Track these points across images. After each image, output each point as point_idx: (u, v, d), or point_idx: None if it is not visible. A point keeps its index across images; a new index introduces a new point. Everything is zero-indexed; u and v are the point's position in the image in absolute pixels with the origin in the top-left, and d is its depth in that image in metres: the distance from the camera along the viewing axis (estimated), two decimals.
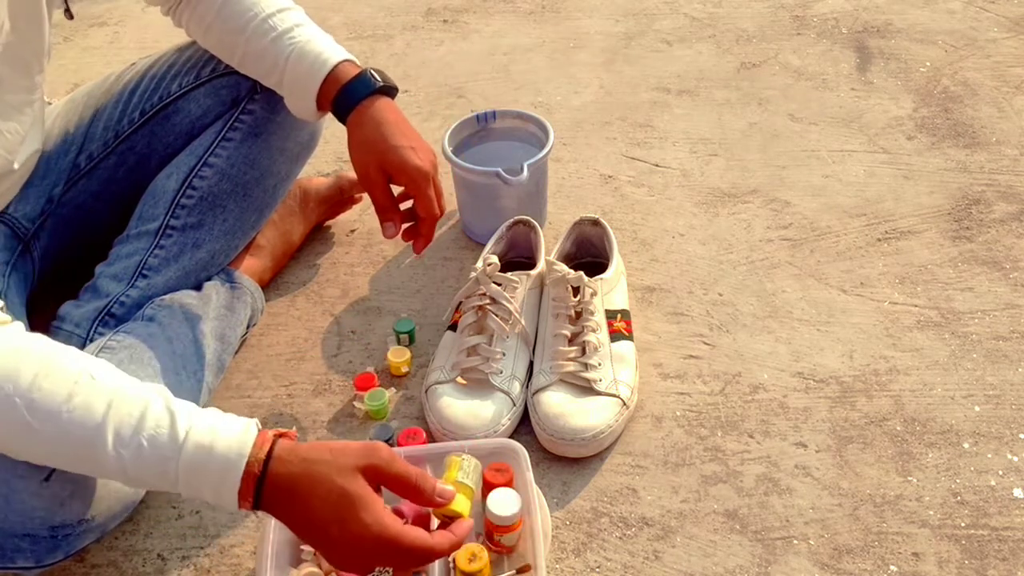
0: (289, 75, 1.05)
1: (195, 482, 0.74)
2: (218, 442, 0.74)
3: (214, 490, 0.74)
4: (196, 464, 0.74)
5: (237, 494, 0.74)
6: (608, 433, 1.00)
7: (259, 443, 0.75)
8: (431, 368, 1.07)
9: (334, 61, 1.04)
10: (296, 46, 1.04)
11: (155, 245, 1.09)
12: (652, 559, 0.92)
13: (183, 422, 0.75)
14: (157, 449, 0.73)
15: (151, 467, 0.74)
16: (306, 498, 0.73)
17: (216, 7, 1.06)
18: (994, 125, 1.50)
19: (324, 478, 0.73)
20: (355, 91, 1.04)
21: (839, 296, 1.20)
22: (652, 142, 1.50)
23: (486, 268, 1.07)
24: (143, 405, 0.75)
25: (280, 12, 1.06)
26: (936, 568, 0.90)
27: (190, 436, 0.74)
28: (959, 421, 1.04)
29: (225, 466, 0.74)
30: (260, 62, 1.07)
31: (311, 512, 0.73)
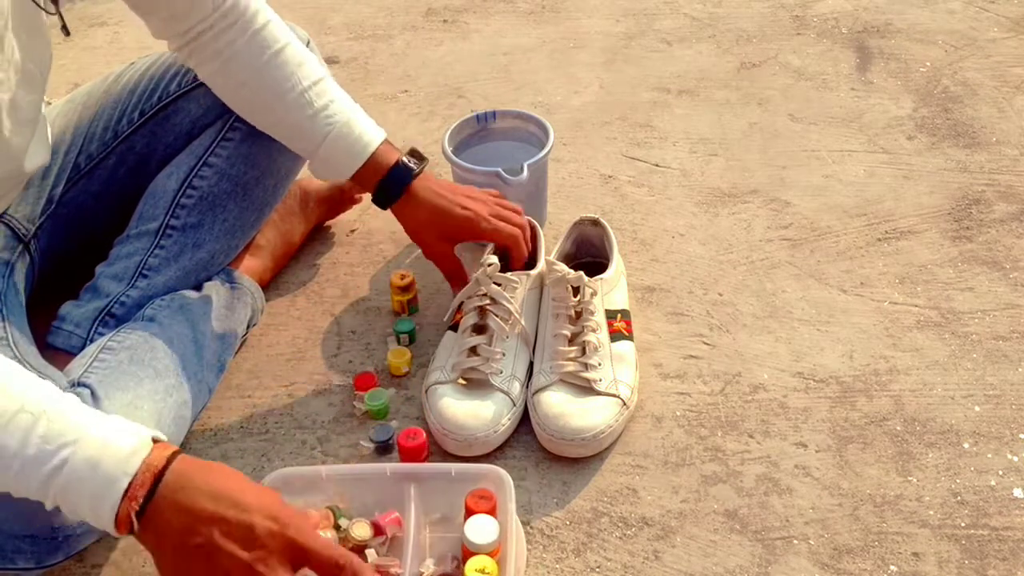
0: (325, 153, 1.06)
1: (74, 503, 0.71)
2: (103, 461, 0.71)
3: (94, 511, 0.71)
4: (78, 482, 0.70)
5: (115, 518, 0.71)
6: (608, 433, 1.00)
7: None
8: (431, 368, 1.07)
9: (372, 148, 1.06)
10: (334, 127, 1.04)
11: (155, 245, 1.09)
12: (652, 559, 0.92)
13: (70, 438, 0.71)
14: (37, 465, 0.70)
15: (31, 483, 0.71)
16: (197, 493, 0.71)
17: (254, 68, 1.03)
18: (994, 125, 1.50)
19: (229, 478, 0.73)
20: (394, 183, 1.06)
21: (839, 296, 1.20)
22: (652, 142, 1.50)
23: (486, 268, 1.07)
24: (32, 420, 0.71)
25: (317, 84, 1.05)
26: (936, 568, 0.90)
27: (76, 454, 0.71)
28: (959, 421, 1.04)
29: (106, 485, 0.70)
30: (293, 134, 1.07)
31: (194, 510, 0.71)
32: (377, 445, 1.03)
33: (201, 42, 1.03)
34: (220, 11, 1.01)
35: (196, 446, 1.05)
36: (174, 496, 0.71)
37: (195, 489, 0.71)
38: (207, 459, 1.02)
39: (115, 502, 0.70)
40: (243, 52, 1.03)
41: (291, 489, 0.91)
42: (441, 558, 0.88)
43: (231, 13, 1.02)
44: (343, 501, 0.92)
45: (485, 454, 1.01)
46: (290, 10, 1.08)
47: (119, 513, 0.70)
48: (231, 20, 1.02)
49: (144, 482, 0.71)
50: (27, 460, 0.70)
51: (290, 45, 1.04)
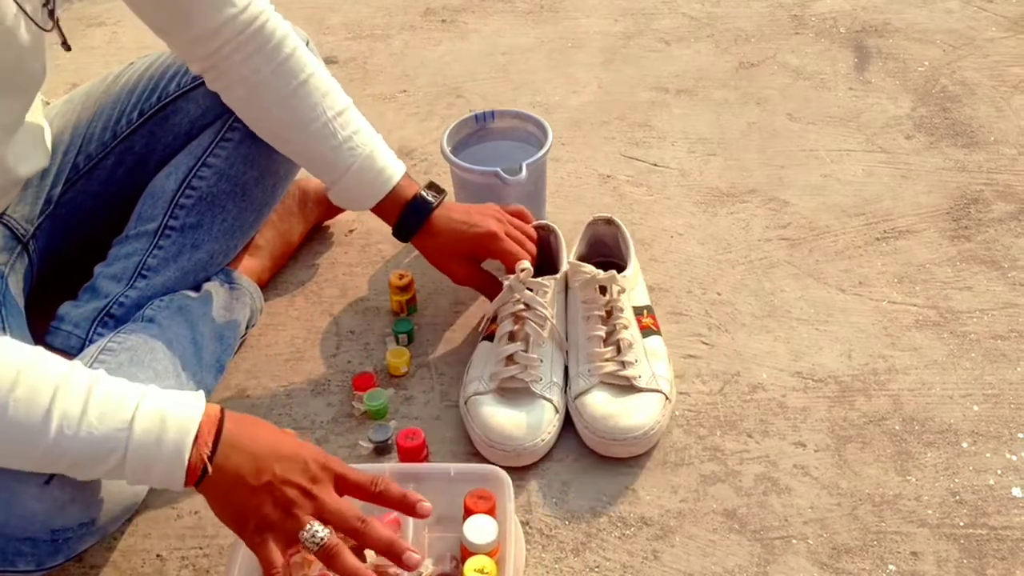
0: (347, 184, 1.06)
1: (141, 468, 0.76)
2: (168, 427, 0.76)
3: (166, 463, 0.76)
4: (143, 450, 0.75)
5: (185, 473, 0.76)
6: (657, 429, 1.00)
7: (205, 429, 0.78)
8: (468, 380, 1.06)
9: (393, 182, 1.06)
10: (357, 159, 1.05)
11: (154, 245, 1.09)
12: (651, 559, 0.92)
13: (130, 405, 0.76)
14: (106, 431, 0.74)
15: (96, 454, 0.75)
16: (250, 445, 0.79)
17: (280, 97, 1.02)
18: (992, 124, 1.50)
19: (269, 431, 0.81)
20: (413, 217, 1.07)
21: (838, 295, 1.20)
22: (651, 142, 1.50)
23: (519, 274, 1.06)
24: (87, 391, 0.75)
25: (341, 114, 1.05)
26: (935, 567, 0.90)
27: (137, 420, 0.75)
28: (958, 420, 1.04)
29: (175, 449, 0.76)
30: (316, 163, 1.07)
31: (254, 456, 0.78)
32: (376, 445, 1.03)
33: (227, 65, 1.01)
34: (247, 34, 0.99)
35: None
36: (239, 441, 0.78)
37: (254, 435, 0.80)
38: None
39: (186, 451, 0.76)
40: (270, 80, 1.02)
41: None
42: (440, 558, 0.88)
43: (257, 37, 1.00)
44: None
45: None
46: (289, 10, 1.08)
47: (191, 460, 0.76)
48: (258, 45, 1.00)
49: (210, 430, 0.78)
50: (92, 426, 0.74)
51: (316, 75, 1.04)
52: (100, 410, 0.74)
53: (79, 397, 0.74)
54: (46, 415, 0.73)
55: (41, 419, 0.73)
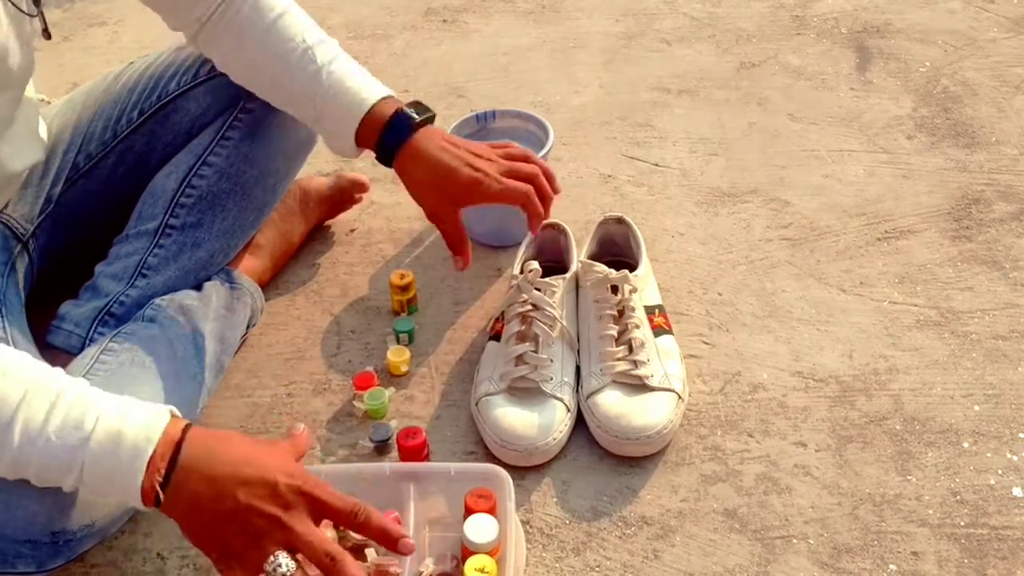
0: (327, 112, 1.04)
1: (99, 487, 0.74)
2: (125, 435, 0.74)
3: (121, 483, 0.74)
4: (98, 469, 0.73)
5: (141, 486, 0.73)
6: (670, 428, 1.00)
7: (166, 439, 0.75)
8: (478, 380, 1.06)
9: (371, 102, 1.03)
10: (334, 84, 1.03)
11: (154, 244, 1.09)
12: (652, 558, 0.92)
13: (92, 413, 0.74)
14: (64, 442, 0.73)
15: (57, 461, 0.73)
16: (214, 466, 0.74)
17: (259, 32, 1.03)
18: (994, 125, 1.50)
19: (240, 446, 0.77)
20: (394, 135, 1.03)
21: (839, 295, 1.20)
22: (652, 142, 1.50)
23: (527, 275, 1.06)
24: (52, 402, 0.74)
25: (321, 44, 1.04)
26: (935, 567, 0.90)
27: (99, 426, 0.74)
28: (958, 420, 1.04)
29: (133, 455, 0.73)
30: (299, 99, 1.06)
31: (216, 477, 0.74)
32: (376, 444, 1.03)
33: (212, 22, 1.03)
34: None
35: None
36: (196, 464, 0.74)
37: (214, 456, 0.75)
38: None
39: (140, 473, 0.73)
40: (248, 18, 1.03)
41: None
42: (440, 557, 0.88)
43: None
44: None
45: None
46: None
47: (143, 485, 0.73)
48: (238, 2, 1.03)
49: (164, 453, 0.74)
50: (50, 438, 0.72)
51: (291, 12, 1.05)
52: (60, 423, 0.73)
53: (43, 408, 0.73)
54: (10, 423, 0.72)
55: (5, 426, 0.72)
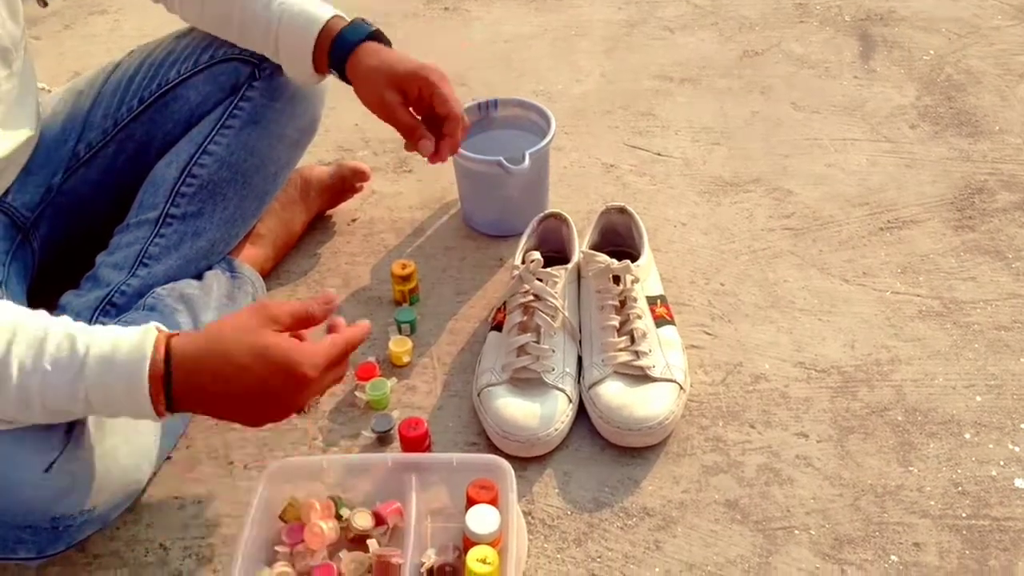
0: (283, 40, 1.05)
1: (104, 393, 0.76)
2: (119, 350, 0.76)
3: (126, 393, 0.75)
4: (101, 373, 0.75)
5: (147, 380, 0.75)
6: (672, 419, 1.00)
7: (158, 341, 0.77)
8: (480, 371, 1.06)
9: (324, 18, 1.04)
10: (286, 10, 1.04)
11: (155, 234, 1.09)
12: (653, 549, 0.92)
13: (82, 340, 0.76)
14: (61, 372, 0.74)
15: (60, 391, 0.75)
16: (215, 358, 0.77)
17: None
18: (997, 114, 1.49)
19: (227, 338, 0.78)
20: (348, 38, 1.04)
21: (841, 286, 1.20)
22: (654, 131, 1.50)
23: (529, 265, 1.06)
24: (42, 333, 0.75)
25: None
26: (937, 558, 0.90)
27: (91, 351, 0.75)
28: (960, 411, 1.04)
29: (131, 362, 0.75)
30: (254, 30, 1.06)
31: (221, 368, 0.77)
32: (378, 435, 1.03)
33: None
34: None
35: (197, 436, 1.05)
36: (192, 365, 0.77)
37: (206, 351, 0.77)
38: (209, 449, 1.03)
39: (143, 388, 0.75)
40: None
41: (293, 479, 0.92)
42: (442, 548, 0.88)
43: None
44: (344, 491, 0.93)
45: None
46: None
47: (151, 397, 0.76)
48: None
49: (159, 362, 0.76)
50: (46, 369, 0.74)
51: None
52: (54, 353, 0.74)
53: (33, 343, 0.74)
54: (4, 358, 0.73)
55: (1, 362, 0.73)
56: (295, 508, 0.91)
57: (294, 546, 0.88)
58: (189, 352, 0.77)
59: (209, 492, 0.99)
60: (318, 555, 0.87)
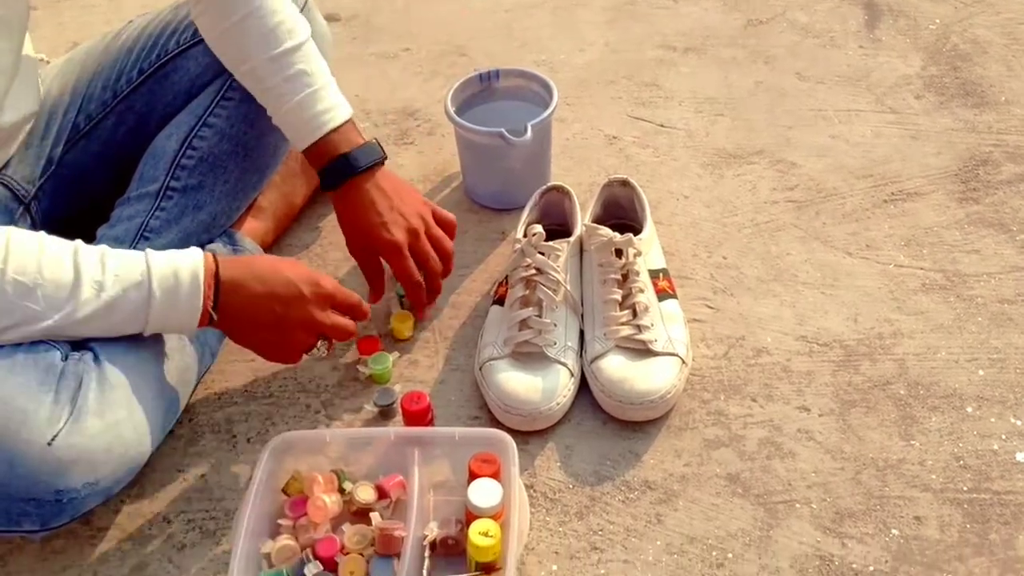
0: (285, 121, 1.06)
1: (168, 295, 0.87)
2: (178, 261, 0.89)
3: (186, 296, 0.88)
4: (165, 275, 0.87)
5: (202, 298, 0.88)
6: (674, 393, 1.00)
7: (206, 256, 0.91)
8: (482, 345, 1.06)
9: (328, 128, 1.04)
10: (295, 98, 1.03)
11: (156, 207, 1.08)
12: (654, 522, 0.93)
13: (139, 254, 0.88)
14: (129, 277, 0.86)
15: (128, 302, 0.86)
16: (251, 284, 0.92)
17: (238, 17, 1.03)
18: (1003, 84, 1.48)
19: (266, 265, 0.95)
20: (336, 174, 1.05)
21: (844, 259, 1.19)
22: (657, 101, 1.48)
23: (531, 238, 1.05)
24: (99, 254, 0.86)
25: (299, 48, 1.04)
26: (938, 532, 0.91)
27: (150, 259, 0.88)
28: (963, 385, 1.04)
29: (191, 267, 0.89)
30: (262, 94, 1.07)
31: (263, 293, 0.92)
32: (381, 409, 1.03)
33: None
34: None
35: (200, 410, 1.05)
36: (235, 291, 0.91)
37: (247, 282, 0.92)
38: (212, 423, 1.03)
39: (198, 310, 0.89)
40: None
41: (295, 452, 0.92)
42: (445, 521, 0.89)
43: None
44: (347, 464, 0.93)
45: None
46: None
47: (201, 313, 0.89)
48: None
49: (210, 283, 0.90)
50: (111, 287, 0.85)
51: (281, 10, 1.04)
52: (115, 272, 0.86)
53: (96, 264, 0.85)
54: (75, 283, 0.84)
55: (71, 289, 0.84)
56: (298, 481, 0.91)
57: (297, 519, 0.89)
58: (234, 260, 0.93)
59: (212, 465, 1.00)
60: (321, 528, 0.88)
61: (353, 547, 0.86)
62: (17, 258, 0.82)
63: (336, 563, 0.85)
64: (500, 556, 0.83)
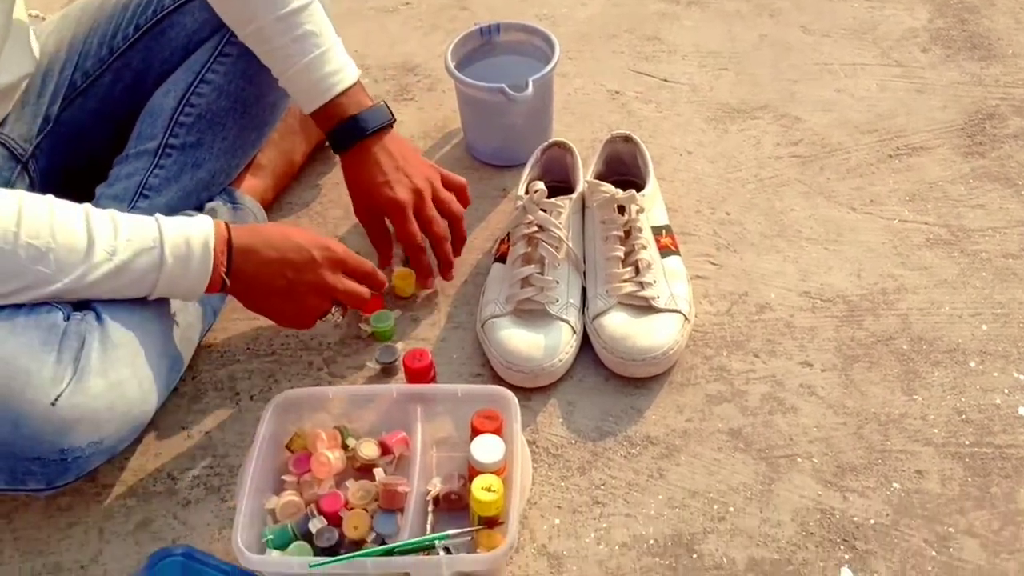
0: (293, 83, 1.04)
1: (179, 262, 0.87)
2: (190, 228, 0.89)
3: (197, 264, 0.88)
4: (177, 243, 0.87)
5: (213, 262, 0.88)
6: (676, 350, 0.99)
7: (218, 224, 0.91)
8: (484, 302, 1.06)
9: (338, 90, 1.03)
10: (303, 59, 1.02)
11: (155, 165, 1.08)
12: (656, 477, 0.93)
13: (150, 220, 0.88)
14: (141, 243, 0.86)
15: (139, 267, 0.86)
16: (263, 250, 0.92)
17: None
18: (1011, 36, 1.46)
19: (277, 232, 0.95)
20: (346, 136, 1.04)
21: (848, 214, 1.19)
22: (660, 56, 1.47)
23: (533, 195, 1.04)
24: (111, 218, 0.86)
25: (306, 8, 1.02)
26: (939, 485, 0.91)
27: (162, 226, 0.87)
28: (966, 340, 1.04)
29: (203, 235, 0.88)
30: (269, 56, 1.05)
31: (275, 259, 0.92)
32: (383, 366, 1.03)
33: None
34: None
35: (203, 367, 1.05)
36: (248, 258, 0.91)
37: (258, 249, 0.92)
38: (215, 381, 1.04)
39: (208, 273, 0.89)
40: None
41: (299, 409, 0.92)
42: (448, 477, 0.89)
43: None
44: (350, 421, 0.93)
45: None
46: None
47: (212, 279, 0.89)
48: None
49: (223, 250, 0.90)
50: (122, 251, 0.85)
51: None
52: (128, 237, 0.86)
53: (108, 228, 0.85)
54: (88, 247, 0.83)
55: (84, 253, 0.83)
56: (301, 438, 0.91)
57: (301, 475, 0.89)
58: (246, 228, 0.93)
59: (216, 423, 1.00)
60: (325, 484, 0.88)
61: (357, 502, 0.87)
62: (30, 222, 0.81)
63: (340, 518, 0.86)
64: (503, 511, 0.84)
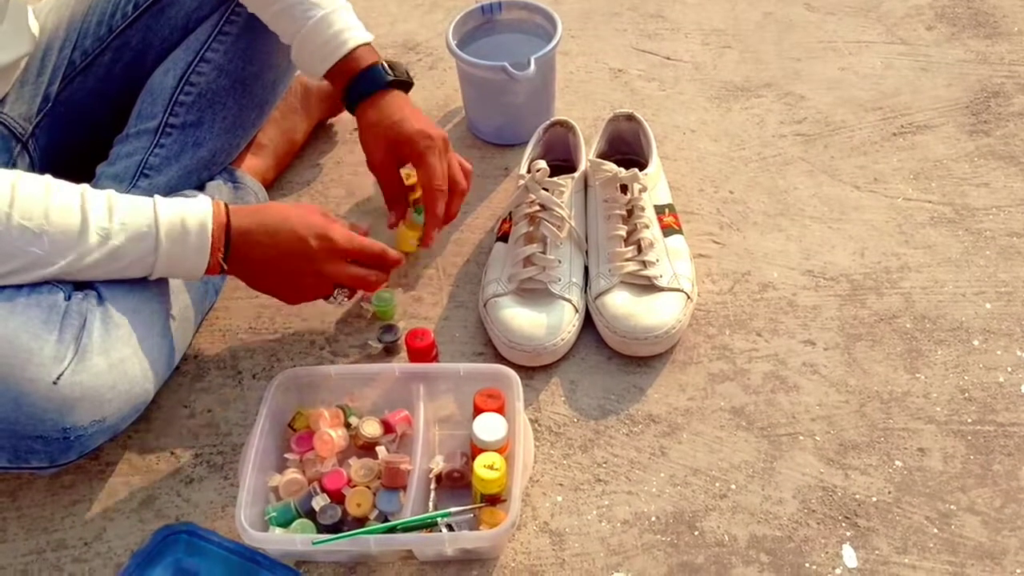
0: (304, 43, 1.02)
1: (175, 245, 0.87)
2: (186, 210, 0.88)
3: (194, 246, 0.87)
4: (173, 225, 0.86)
5: (210, 246, 0.88)
6: (679, 328, 0.99)
7: (216, 206, 0.90)
8: (486, 282, 1.05)
9: (349, 46, 1.01)
10: (314, 17, 1.01)
11: (155, 144, 1.07)
12: (658, 455, 0.93)
13: (147, 202, 0.87)
14: (136, 226, 0.85)
15: (134, 250, 0.86)
16: (261, 238, 0.90)
17: None
18: (1016, 14, 1.45)
19: (277, 215, 0.93)
20: (365, 84, 1.02)
21: (852, 192, 1.18)
22: (663, 34, 1.46)
23: (535, 174, 1.04)
24: (107, 200, 0.86)
25: None
26: (941, 463, 0.91)
27: (159, 208, 0.87)
28: (969, 318, 1.03)
29: (200, 217, 0.88)
30: (277, 18, 1.04)
31: (271, 245, 0.91)
32: (385, 345, 1.03)
33: None
34: None
35: (205, 346, 1.05)
36: (246, 242, 0.90)
37: (254, 234, 0.90)
38: (217, 359, 1.04)
39: (206, 256, 0.88)
40: None
41: (301, 388, 0.92)
42: (450, 455, 0.89)
43: None
44: (352, 400, 0.93)
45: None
46: None
47: (209, 262, 0.89)
48: None
49: (220, 233, 0.89)
50: (118, 229, 0.85)
51: None
52: (122, 220, 0.85)
53: (103, 211, 0.85)
54: (82, 230, 0.83)
55: (78, 236, 0.83)
56: (304, 416, 0.92)
57: (303, 453, 0.90)
58: (246, 209, 0.92)
59: (218, 401, 1.00)
60: (328, 462, 0.89)
61: (360, 480, 0.87)
62: (23, 203, 0.81)
63: (343, 495, 0.86)
64: (505, 488, 0.84)
